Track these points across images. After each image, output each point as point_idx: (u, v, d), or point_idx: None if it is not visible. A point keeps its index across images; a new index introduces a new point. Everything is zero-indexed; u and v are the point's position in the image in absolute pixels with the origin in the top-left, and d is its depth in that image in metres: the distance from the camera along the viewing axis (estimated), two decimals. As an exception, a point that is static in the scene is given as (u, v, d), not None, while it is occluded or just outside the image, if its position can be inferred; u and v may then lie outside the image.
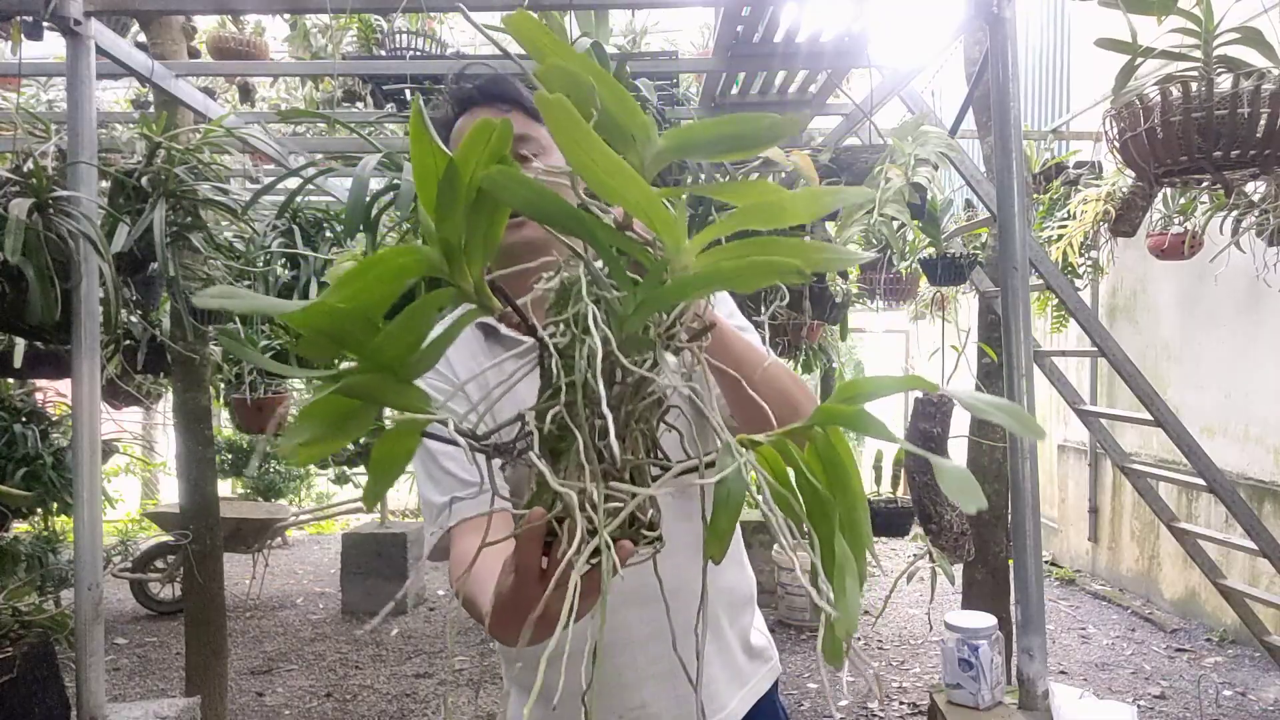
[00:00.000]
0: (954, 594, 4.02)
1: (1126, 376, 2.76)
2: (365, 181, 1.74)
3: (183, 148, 2.50)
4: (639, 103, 0.84)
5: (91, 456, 1.97)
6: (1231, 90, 1.55)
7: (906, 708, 3.73)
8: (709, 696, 1.07)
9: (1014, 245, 1.85)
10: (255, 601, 5.49)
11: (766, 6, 2.27)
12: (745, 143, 0.47)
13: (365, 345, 0.46)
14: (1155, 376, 4.63)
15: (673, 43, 4.12)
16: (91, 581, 1.95)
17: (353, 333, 0.44)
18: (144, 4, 2.31)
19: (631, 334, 0.49)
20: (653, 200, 0.45)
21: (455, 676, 4.21)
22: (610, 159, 0.43)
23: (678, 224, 0.46)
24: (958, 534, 2.40)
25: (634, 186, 0.44)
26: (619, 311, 0.49)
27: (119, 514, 6.83)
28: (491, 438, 0.51)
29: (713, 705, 1.07)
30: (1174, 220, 3.66)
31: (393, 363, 0.47)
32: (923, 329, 7.86)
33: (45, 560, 3.55)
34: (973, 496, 0.40)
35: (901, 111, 2.78)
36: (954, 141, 2.27)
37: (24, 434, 3.44)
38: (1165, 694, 3.81)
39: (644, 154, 0.47)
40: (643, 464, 0.50)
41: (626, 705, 1.04)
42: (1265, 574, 3.94)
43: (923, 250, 3.57)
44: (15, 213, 1.85)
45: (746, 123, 0.46)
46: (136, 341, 3.30)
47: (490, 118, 0.45)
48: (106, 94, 4.52)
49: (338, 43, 3.71)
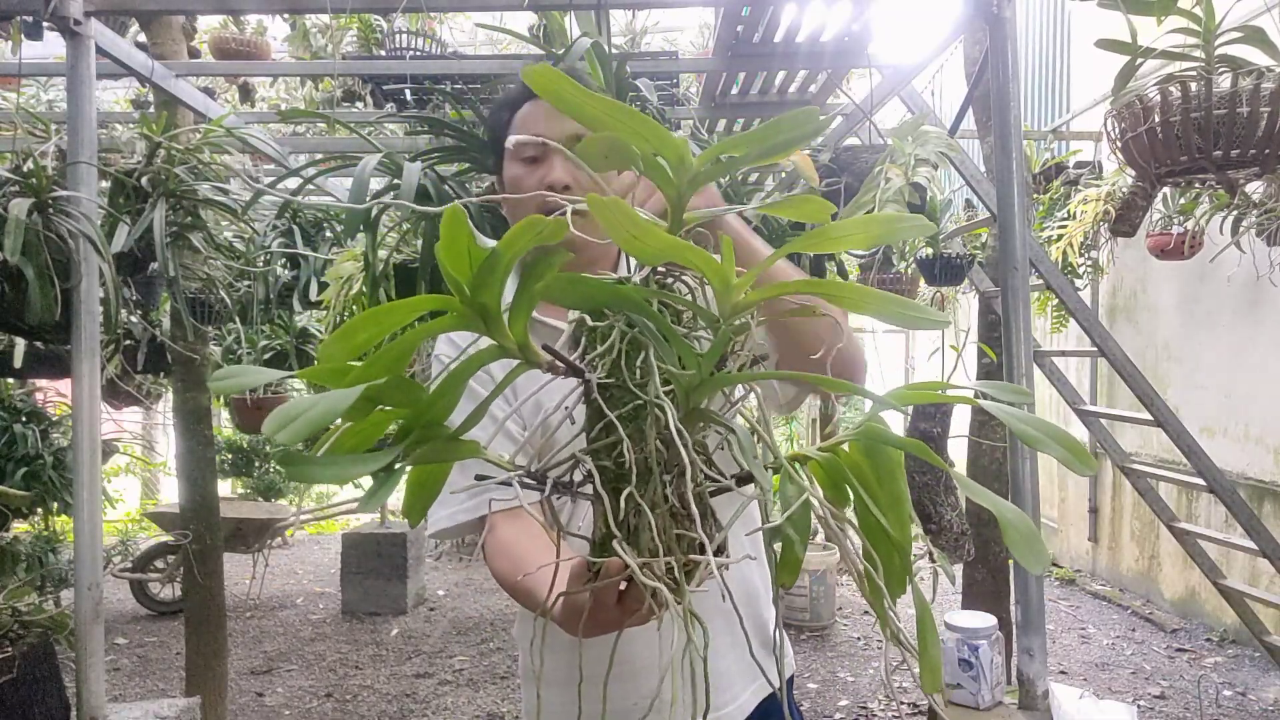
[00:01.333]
0: (954, 594, 4.02)
1: (1126, 376, 2.76)
2: (365, 181, 1.74)
3: (183, 148, 2.50)
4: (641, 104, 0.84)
5: (91, 456, 1.97)
6: (1232, 89, 1.55)
7: (906, 708, 3.73)
8: (721, 688, 1.10)
9: (1014, 245, 1.85)
10: (255, 601, 5.49)
11: (766, 6, 2.27)
12: (780, 149, 0.48)
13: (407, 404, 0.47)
14: (1155, 376, 4.63)
15: (673, 43, 4.12)
16: (91, 581, 1.95)
17: (393, 395, 0.45)
18: (144, 4, 2.31)
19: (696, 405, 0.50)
20: (685, 249, 0.46)
21: (455, 676, 4.21)
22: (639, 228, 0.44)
23: (724, 267, 0.47)
24: (958, 534, 2.40)
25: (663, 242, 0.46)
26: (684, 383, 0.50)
27: (119, 514, 6.83)
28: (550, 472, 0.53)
29: (724, 696, 1.10)
30: (1174, 220, 3.66)
31: (440, 421, 0.48)
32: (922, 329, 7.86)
33: (45, 560, 3.55)
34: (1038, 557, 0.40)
35: (901, 111, 2.78)
36: (954, 141, 2.27)
37: (24, 434, 3.44)
38: (1165, 694, 3.81)
39: (679, 181, 0.48)
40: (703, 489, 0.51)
41: (640, 693, 1.07)
42: (1265, 574, 3.94)
43: (921, 250, 3.57)
44: (15, 213, 1.85)
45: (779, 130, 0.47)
46: (136, 341, 3.30)
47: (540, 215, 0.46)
48: (106, 94, 4.51)
49: (338, 43, 3.71)
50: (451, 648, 4.62)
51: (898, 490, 0.49)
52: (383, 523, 5.71)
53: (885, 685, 0.85)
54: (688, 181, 0.48)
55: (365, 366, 0.44)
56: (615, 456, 0.49)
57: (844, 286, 0.49)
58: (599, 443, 0.51)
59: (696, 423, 0.51)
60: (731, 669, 1.11)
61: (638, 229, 0.45)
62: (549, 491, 0.52)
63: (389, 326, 0.45)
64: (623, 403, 0.50)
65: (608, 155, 0.47)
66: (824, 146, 2.84)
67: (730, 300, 0.49)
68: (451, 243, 0.44)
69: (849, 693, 3.91)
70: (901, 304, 0.49)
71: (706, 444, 0.54)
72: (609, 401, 0.50)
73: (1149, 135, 1.64)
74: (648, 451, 0.49)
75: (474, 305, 0.46)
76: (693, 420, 0.51)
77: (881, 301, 0.49)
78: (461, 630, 4.91)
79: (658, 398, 0.48)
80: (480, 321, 0.47)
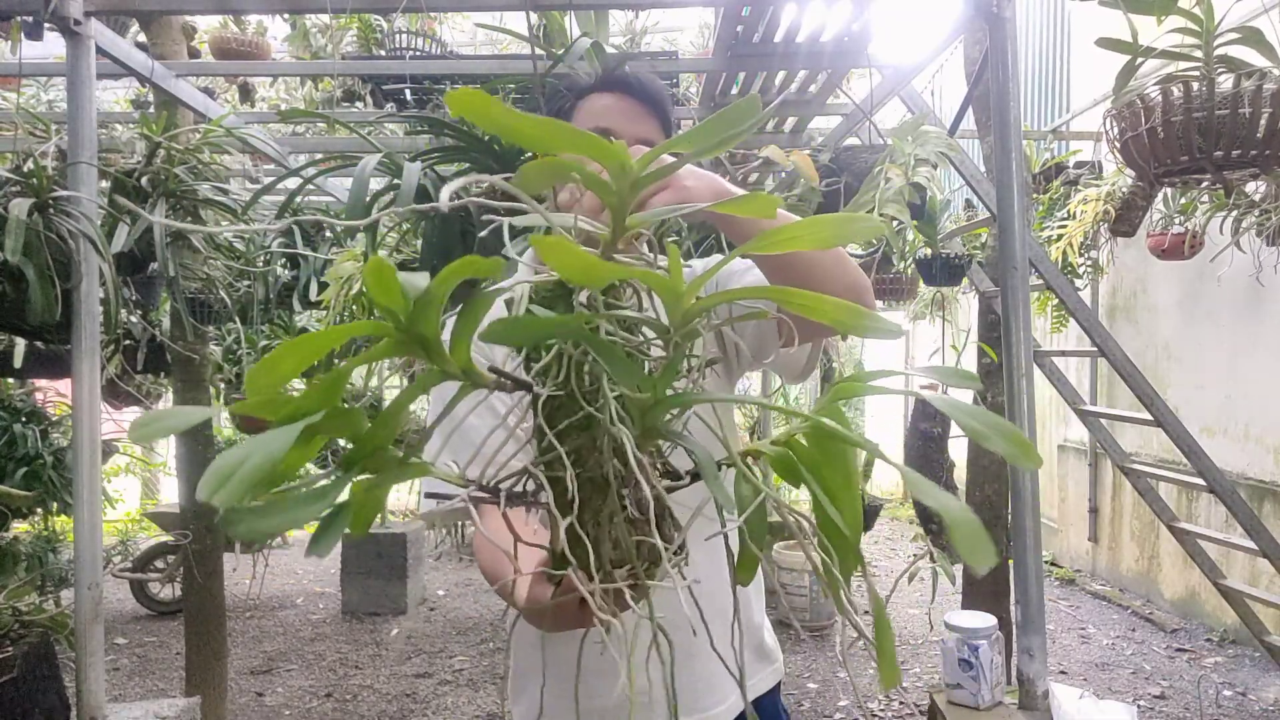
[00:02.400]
0: (954, 594, 4.02)
1: (1126, 376, 2.76)
2: (365, 181, 1.75)
3: (183, 148, 2.50)
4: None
5: (91, 456, 1.97)
6: (1232, 90, 1.55)
7: (906, 708, 3.73)
8: (709, 689, 1.10)
9: (1014, 245, 1.85)
10: (255, 601, 5.49)
11: (766, 6, 2.27)
12: (726, 142, 0.48)
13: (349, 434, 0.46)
14: (1155, 376, 4.63)
15: (673, 43, 4.12)
16: (91, 581, 1.95)
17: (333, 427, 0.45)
18: (144, 4, 2.31)
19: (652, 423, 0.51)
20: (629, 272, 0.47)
21: (455, 676, 4.21)
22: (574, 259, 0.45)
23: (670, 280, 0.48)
24: (958, 534, 2.40)
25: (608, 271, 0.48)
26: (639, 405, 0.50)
27: (119, 514, 6.82)
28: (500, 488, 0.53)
29: (713, 697, 1.11)
30: (1174, 220, 3.66)
31: (386, 445, 0.48)
32: (922, 329, 7.86)
33: (45, 560, 3.55)
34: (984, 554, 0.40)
35: (901, 111, 2.78)
36: (954, 141, 2.27)
37: (24, 434, 3.44)
38: (1165, 694, 3.81)
39: (620, 188, 0.49)
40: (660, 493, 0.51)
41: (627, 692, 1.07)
42: (1265, 574, 3.94)
43: (921, 250, 3.57)
44: (15, 213, 1.85)
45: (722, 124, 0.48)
46: (136, 341, 3.31)
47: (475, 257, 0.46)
48: (106, 94, 4.51)
49: (338, 43, 3.71)
50: (451, 648, 4.62)
51: (846, 470, 0.49)
52: (383, 523, 5.72)
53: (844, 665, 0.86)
54: (629, 187, 0.49)
55: (301, 399, 0.44)
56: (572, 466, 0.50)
57: (798, 294, 0.48)
58: (550, 455, 0.51)
59: (654, 440, 0.52)
60: (719, 671, 1.11)
61: (583, 263, 0.45)
62: (503, 504, 0.52)
63: (315, 353, 0.44)
64: (573, 412, 0.50)
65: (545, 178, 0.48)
66: (824, 147, 2.84)
67: (680, 309, 0.49)
68: (381, 287, 0.45)
69: (849, 693, 3.91)
70: (857, 313, 0.48)
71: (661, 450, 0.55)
72: (559, 410, 0.51)
73: (1149, 135, 1.64)
74: (603, 465, 0.50)
75: (411, 335, 0.46)
76: (649, 439, 0.51)
77: (836, 309, 0.48)
78: (461, 630, 4.92)
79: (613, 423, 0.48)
80: (419, 349, 0.47)
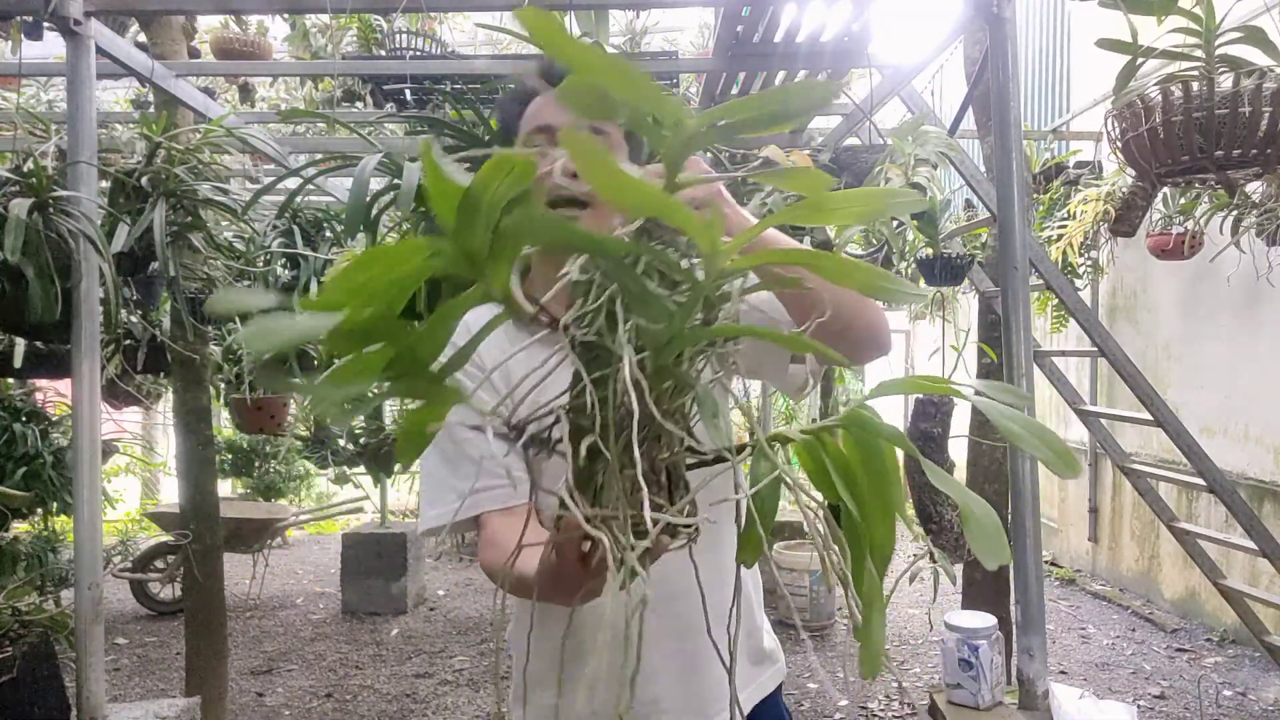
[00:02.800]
0: (954, 594, 4.02)
1: (1126, 376, 2.76)
2: (365, 181, 1.74)
3: (183, 148, 2.50)
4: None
5: (91, 456, 1.97)
6: (1233, 89, 1.55)
7: (906, 708, 3.73)
8: (716, 695, 1.09)
9: (1014, 245, 1.85)
10: (255, 601, 5.49)
11: (766, 6, 2.27)
12: (788, 117, 0.46)
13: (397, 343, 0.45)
14: (1155, 376, 4.62)
15: (673, 43, 4.12)
16: (91, 581, 1.95)
17: (382, 331, 0.44)
18: (144, 4, 2.31)
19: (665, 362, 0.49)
20: (674, 206, 0.44)
21: (455, 676, 4.21)
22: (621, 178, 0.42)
23: (711, 227, 0.45)
24: (958, 534, 2.40)
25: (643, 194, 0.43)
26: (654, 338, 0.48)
27: (119, 514, 6.83)
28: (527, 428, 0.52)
29: (719, 704, 1.09)
30: (1174, 220, 3.66)
31: (426, 361, 0.47)
32: (923, 329, 7.86)
33: (45, 560, 3.55)
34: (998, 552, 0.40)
35: (901, 111, 2.78)
36: (954, 141, 2.27)
37: (24, 434, 3.44)
38: (1165, 694, 3.81)
39: (676, 139, 0.46)
40: (678, 458, 0.50)
41: (639, 699, 1.06)
42: (1265, 574, 3.94)
43: (921, 250, 3.57)
44: (15, 212, 1.85)
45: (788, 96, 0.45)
46: (136, 341, 3.30)
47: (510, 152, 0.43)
48: (106, 94, 4.51)
49: (338, 43, 3.71)
50: (451, 648, 4.62)
51: (888, 498, 0.48)
52: (383, 523, 5.72)
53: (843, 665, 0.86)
54: (684, 142, 0.46)
55: (362, 300, 0.43)
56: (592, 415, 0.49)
57: (827, 257, 0.48)
58: (577, 400, 0.50)
59: (665, 380, 0.50)
60: (724, 674, 1.10)
61: (614, 176, 0.42)
62: (523, 442, 0.51)
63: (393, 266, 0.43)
64: (607, 363, 0.49)
65: (592, 104, 0.44)
66: (824, 146, 2.84)
67: (716, 266, 0.47)
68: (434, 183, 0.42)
69: (849, 692, 3.91)
70: (884, 276, 0.49)
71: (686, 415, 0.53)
72: (594, 362, 0.49)
73: (1149, 135, 1.64)
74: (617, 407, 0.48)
75: (460, 248, 0.45)
76: (661, 378, 0.49)
77: (864, 273, 0.48)
78: (461, 630, 4.92)
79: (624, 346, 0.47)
80: (468, 264, 0.46)
